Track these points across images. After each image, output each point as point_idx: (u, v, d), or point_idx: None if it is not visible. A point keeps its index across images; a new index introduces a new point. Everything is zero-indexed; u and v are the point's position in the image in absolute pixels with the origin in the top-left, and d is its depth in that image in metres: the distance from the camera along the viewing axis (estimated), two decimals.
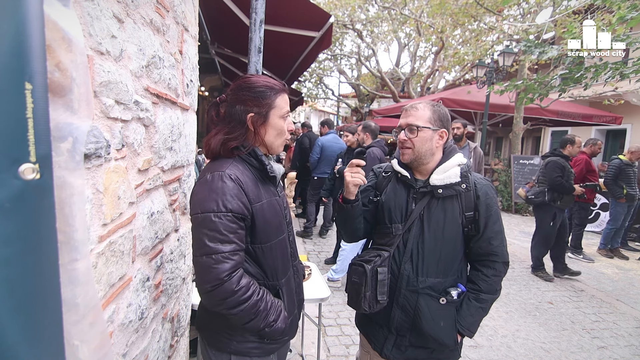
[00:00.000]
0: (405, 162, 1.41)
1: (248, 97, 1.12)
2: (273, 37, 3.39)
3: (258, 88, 1.12)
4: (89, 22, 0.80)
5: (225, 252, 0.99)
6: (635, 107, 9.16)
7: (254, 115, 1.11)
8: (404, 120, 1.39)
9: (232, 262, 0.99)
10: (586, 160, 5.09)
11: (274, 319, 1.07)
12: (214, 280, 0.97)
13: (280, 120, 1.16)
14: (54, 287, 0.54)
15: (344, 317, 3.20)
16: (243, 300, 1.00)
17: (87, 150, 0.78)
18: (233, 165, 1.08)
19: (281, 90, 1.17)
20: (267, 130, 1.15)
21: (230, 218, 1.00)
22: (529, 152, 13.83)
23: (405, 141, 1.37)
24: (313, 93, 19.86)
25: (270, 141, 1.17)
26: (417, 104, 1.40)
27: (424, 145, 1.36)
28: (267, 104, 1.12)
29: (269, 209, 1.13)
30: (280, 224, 1.18)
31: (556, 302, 3.84)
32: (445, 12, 9.62)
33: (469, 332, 1.39)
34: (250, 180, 1.09)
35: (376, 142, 3.91)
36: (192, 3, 1.64)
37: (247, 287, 1.01)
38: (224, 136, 1.11)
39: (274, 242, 1.15)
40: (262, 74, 2.01)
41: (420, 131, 1.34)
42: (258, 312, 1.04)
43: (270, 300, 1.08)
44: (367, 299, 1.34)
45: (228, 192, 1.01)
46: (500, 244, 1.40)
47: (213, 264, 0.97)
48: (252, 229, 1.09)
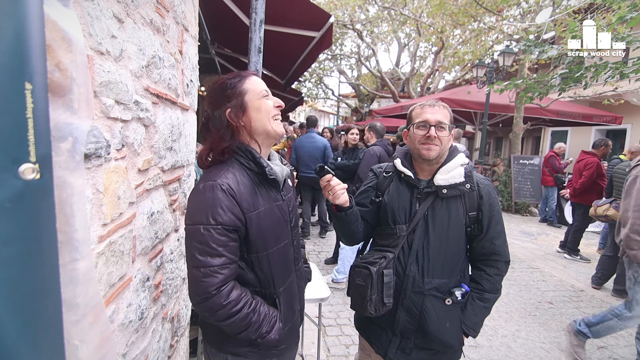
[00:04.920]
0: (430, 158, 1.36)
1: (217, 97, 1.08)
2: (273, 37, 3.39)
3: (222, 83, 1.09)
4: (89, 22, 0.80)
5: (214, 265, 0.96)
6: (635, 107, 9.16)
7: (231, 110, 1.06)
8: (433, 117, 1.34)
9: (222, 275, 0.97)
10: (597, 163, 4.96)
11: (267, 331, 1.05)
12: (202, 293, 0.96)
13: (259, 100, 1.09)
14: (54, 287, 0.54)
15: (344, 317, 3.20)
16: (232, 314, 0.98)
17: (87, 150, 0.78)
18: (228, 172, 1.03)
19: (248, 74, 1.12)
20: (250, 116, 1.08)
21: (220, 231, 0.97)
22: (529, 152, 13.84)
23: (435, 138, 1.33)
24: (313, 93, 19.86)
25: (260, 126, 1.09)
26: (440, 102, 1.39)
27: (448, 144, 1.38)
28: (237, 93, 1.07)
29: (266, 217, 1.08)
30: (281, 231, 1.14)
31: (556, 302, 3.84)
32: (445, 12, 9.61)
33: (474, 332, 1.39)
34: (246, 187, 1.04)
35: (379, 141, 3.92)
36: (192, 3, 1.64)
37: (237, 300, 0.99)
38: (213, 144, 1.08)
39: (271, 250, 1.10)
40: (262, 74, 2.01)
41: (447, 129, 1.35)
42: (249, 324, 1.01)
43: (264, 311, 1.05)
44: (373, 302, 1.32)
45: (218, 204, 0.97)
46: (502, 243, 1.41)
47: (202, 277, 0.96)
48: (247, 239, 1.05)
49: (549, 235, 6.70)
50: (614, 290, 4.05)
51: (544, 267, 4.90)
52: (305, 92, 18.68)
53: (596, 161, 4.98)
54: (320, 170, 1.27)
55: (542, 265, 4.98)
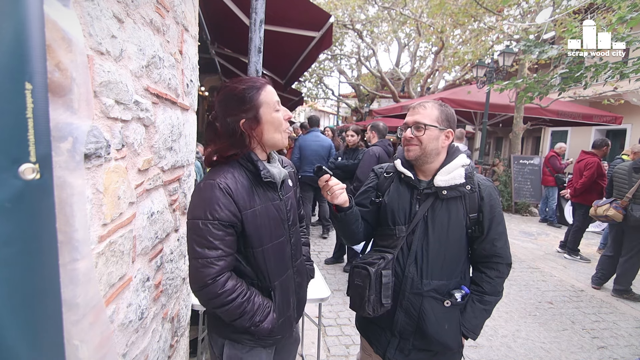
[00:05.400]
0: (410, 159, 1.38)
1: (232, 105, 1.12)
2: (273, 37, 3.39)
3: (238, 94, 1.12)
4: (89, 22, 0.80)
5: (211, 257, 1.05)
6: (635, 107, 9.16)
7: (245, 121, 1.12)
8: (411, 118, 1.37)
9: (217, 267, 1.05)
10: (598, 163, 4.96)
11: (260, 320, 1.12)
12: (200, 282, 1.05)
13: (273, 113, 1.15)
14: (54, 287, 0.54)
15: (344, 317, 3.20)
16: (227, 302, 1.06)
17: (87, 150, 0.79)
18: (228, 172, 1.11)
19: (263, 84, 1.15)
20: (264, 129, 1.15)
21: (217, 226, 1.05)
22: (529, 152, 13.84)
23: (411, 139, 1.35)
24: (313, 93, 19.87)
25: (271, 138, 1.16)
26: (425, 102, 1.38)
27: (431, 144, 1.34)
28: (254, 106, 1.12)
29: (262, 214, 1.14)
30: (277, 228, 1.19)
31: (556, 302, 3.84)
32: (445, 12, 9.61)
33: (473, 335, 1.38)
34: (243, 187, 1.11)
35: (380, 141, 3.92)
36: (192, 3, 1.64)
37: (232, 289, 1.07)
38: (220, 147, 1.14)
39: (267, 246, 1.16)
40: (261, 74, 2.01)
41: (427, 129, 1.33)
42: (244, 312, 1.09)
43: (258, 302, 1.13)
44: (371, 302, 1.32)
45: (216, 201, 1.05)
46: (503, 245, 1.39)
47: (200, 267, 1.05)
48: (243, 234, 1.12)
49: (549, 235, 6.70)
50: (614, 290, 4.05)
51: (544, 267, 4.90)
52: (305, 92, 18.69)
53: (597, 161, 4.97)
54: (318, 170, 1.28)
55: (542, 265, 4.98)
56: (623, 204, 3.81)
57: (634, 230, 3.82)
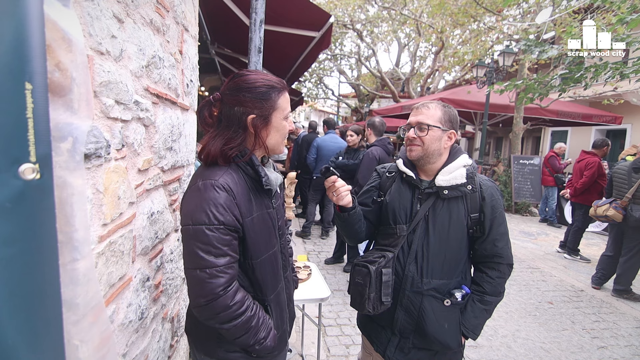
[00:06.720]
0: (412, 158, 1.39)
1: (248, 98, 1.03)
2: (273, 37, 3.39)
3: (259, 88, 1.04)
4: (89, 22, 0.80)
5: (220, 265, 0.94)
6: (635, 107, 9.16)
7: (255, 118, 1.04)
8: (414, 118, 1.37)
9: (227, 275, 0.96)
10: (598, 163, 4.96)
11: (264, 336, 1.04)
12: (209, 294, 0.93)
13: (282, 121, 1.10)
14: (54, 287, 0.54)
15: (344, 317, 3.20)
16: (237, 316, 0.97)
17: (87, 150, 0.79)
18: (227, 173, 1.01)
19: (282, 88, 1.10)
20: (270, 132, 1.08)
21: (224, 230, 0.95)
22: (529, 152, 13.83)
23: (414, 139, 1.36)
24: (313, 93, 19.87)
25: (273, 143, 1.10)
26: (428, 103, 1.39)
27: (433, 144, 1.35)
28: (269, 106, 1.05)
29: (259, 223, 1.06)
30: (270, 238, 1.12)
31: (556, 302, 3.84)
32: (445, 12, 9.62)
33: (473, 335, 1.39)
34: (242, 191, 1.02)
35: (379, 140, 3.85)
36: (192, 3, 1.64)
37: (242, 302, 0.98)
38: (224, 145, 1.03)
39: (264, 257, 1.08)
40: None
41: (430, 130, 1.34)
42: (250, 328, 1.00)
43: (262, 316, 1.05)
44: (371, 300, 1.33)
45: (220, 203, 0.95)
46: (505, 245, 1.39)
47: (207, 278, 0.93)
48: (243, 243, 1.04)
49: (549, 235, 6.70)
50: (614, 290, 4.05)
51: (544, 267, 4.90)
52: (305, 92, 18.68)
53: (597, 161, 4.98)
54: (325, 171, 1.28)
55: (542, 265, 4.97)
56: (623, 204, 3.82)
57: (633, 231, 3.82)
